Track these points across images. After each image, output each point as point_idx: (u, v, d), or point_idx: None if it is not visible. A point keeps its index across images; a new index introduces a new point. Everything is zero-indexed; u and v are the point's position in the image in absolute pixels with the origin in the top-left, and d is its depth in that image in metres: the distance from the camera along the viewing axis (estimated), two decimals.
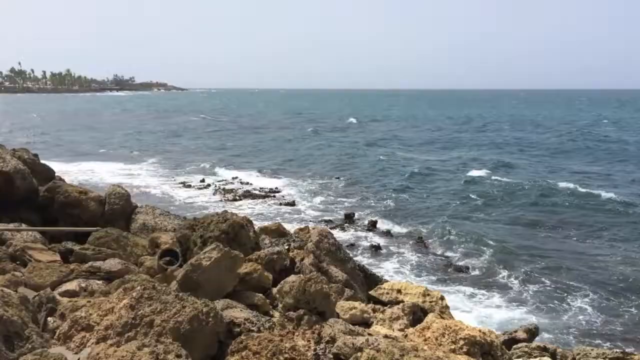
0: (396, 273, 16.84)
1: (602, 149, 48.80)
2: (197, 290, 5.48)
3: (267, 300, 6.24)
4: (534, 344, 6.67)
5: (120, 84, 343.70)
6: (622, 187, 30.93)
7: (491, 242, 19.92)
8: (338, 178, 33.54)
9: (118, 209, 10.15)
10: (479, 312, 14.20)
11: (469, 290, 15.73)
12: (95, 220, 9.74)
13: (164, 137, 59.45)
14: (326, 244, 7.93)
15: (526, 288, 15.93)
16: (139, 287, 4.57)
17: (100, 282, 6.37)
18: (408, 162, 40.80)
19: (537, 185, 29.85)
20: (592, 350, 6.65)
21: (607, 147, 49.95)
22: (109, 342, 4.11)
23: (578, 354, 6.60)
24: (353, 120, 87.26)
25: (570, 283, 16.19)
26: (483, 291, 15.67)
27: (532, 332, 7.37)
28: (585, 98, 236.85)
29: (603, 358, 6.40)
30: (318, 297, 5.29)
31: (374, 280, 8.97)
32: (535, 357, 6.03)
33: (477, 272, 17.23)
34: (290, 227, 11.22)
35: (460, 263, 17.98)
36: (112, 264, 6.82)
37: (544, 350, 6.36)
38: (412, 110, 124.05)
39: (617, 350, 6.86)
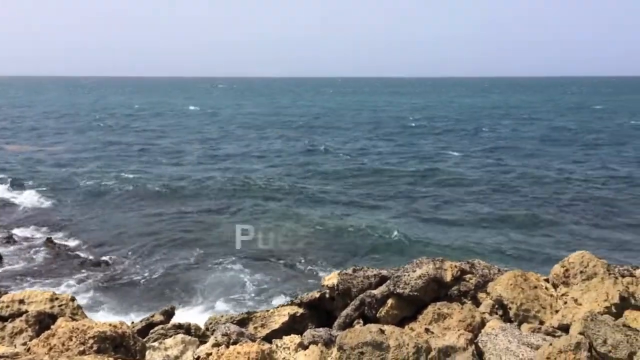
0: (24, 282, 15.07)
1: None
2: None
3: None
4: (169, 324, 6.89)
5: None
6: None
7: (127, 232, 19.78)
8: None
9: None
10: (121, 304, 14.00)
11: (108, 284, 15.31)
12: None
13: None
14: None
15: (164, 270, 16.38)
16: None
17: None
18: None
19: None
20: (221, 316, 7.28)
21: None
22: None
23: (210, 322, 7.13)
24: None
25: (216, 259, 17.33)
26: (120, 282, 15.48)
27: (169, 313, 7.59)
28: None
29: (231, 321, 7.05)
30: None
31: None
32: (171, 336, 6.23)
33: (115, 265, 16.85)
34: None
35: (98, 258, 17.25)
36: None
37: (179, 327, 6.63)
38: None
39: (244, 312, 7.70)
